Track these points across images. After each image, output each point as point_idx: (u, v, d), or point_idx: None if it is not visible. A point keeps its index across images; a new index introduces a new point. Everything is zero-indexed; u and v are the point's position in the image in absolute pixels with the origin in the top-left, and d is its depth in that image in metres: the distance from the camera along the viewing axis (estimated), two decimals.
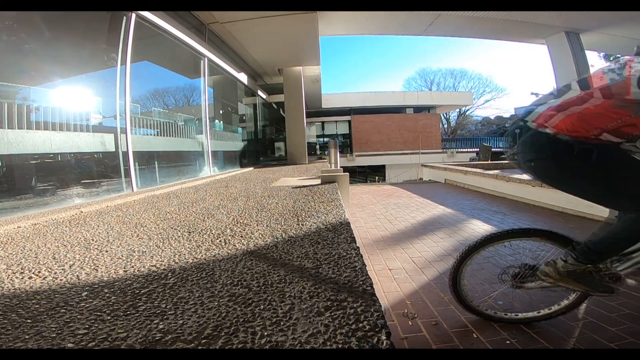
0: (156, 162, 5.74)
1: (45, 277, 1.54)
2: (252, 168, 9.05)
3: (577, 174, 1.54)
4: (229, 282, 1.38)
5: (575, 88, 1.45)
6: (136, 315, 1.13)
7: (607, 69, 1.37)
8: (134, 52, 4.62)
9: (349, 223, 2.33)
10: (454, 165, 10.67)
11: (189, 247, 1.92)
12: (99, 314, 1.15)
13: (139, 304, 1.22)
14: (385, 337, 0.92)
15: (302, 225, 2.32)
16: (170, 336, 0.99)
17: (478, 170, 8.46)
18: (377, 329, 0.96)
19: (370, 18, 8.30)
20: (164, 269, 1.58)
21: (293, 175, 6.31)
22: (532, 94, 44.04)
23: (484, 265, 3.09)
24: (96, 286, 1.41)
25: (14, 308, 1.22)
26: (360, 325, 0.99)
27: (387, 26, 8.98)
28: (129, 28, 4.53)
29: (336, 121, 25.84)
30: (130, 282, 1.44)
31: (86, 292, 1.35)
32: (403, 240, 3.98)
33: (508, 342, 1.93)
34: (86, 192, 4.16)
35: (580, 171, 1.52)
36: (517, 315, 2.14)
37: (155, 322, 1.08)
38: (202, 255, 1.76)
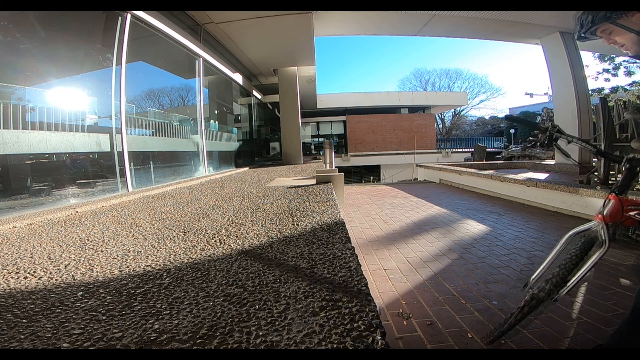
0: (151, 162, 5.72)
1: (41, 277, 1.54)
2: (247, 168, 9.04)
3: None
4: (224, 282, 1.39)
5: None
6: (131, 315, 1.14)
7: None
8: (129, 53, 4.60)
9: (344, 223, 2.34)
10: (449, 165, 10.71)
11: (184, 247, 1.92)
12: (94, 314, 1.15)
13: (134, 304, 1.22)
14: (380, 337, 0.93)
15: (297, 225, 2.33)
16: (165, 336, 0.99)
17: (473, 170, 8.50)
18: (372, 329, 0.97)
19: (365, 18, 8.30)
20: (159, 269, 1.58)
21: (288, 175, 6.32)
22: (527, 94, 44.33)
23: (479, 266, 3.11)
24: (91, 286, 1.41)
25: (10, 308, 1.22)
26: (355, 325, 1.00)
27: (381, 26, 8.99)
28: (124, 28, 4.52)
29: (331, 121, 25.85)
30: (125, 282, 1.44)
31: (81, 292, 1.35)
32: (398, 240, 3.99)
33: (503, 342, 1.94)
34: (81, 192, 4.15)
35: None
36: None
37: (150, 322, 1.08)
38: (197, 255, 1.76)
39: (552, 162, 9.77)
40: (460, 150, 26.00)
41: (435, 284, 2.79)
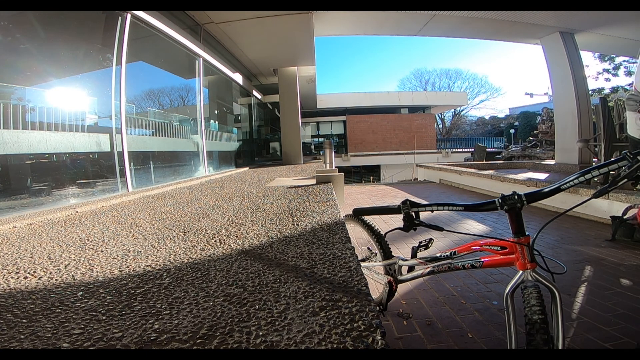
0: (151, 162, 5.71)
1: (41, 277, 1.54)
2: (247, 168, 9.03)
3: None
4: (224, 282, 1.39)
5: None
6: (131, 315, 1.14)
7: None
8: (129, 53, 4.60)
9: (344, 223, 2.34)
10: (449, 165, 10.72)
11: (184, 247, 1.92)
12: (94, 314, 1.15)
13: (134, 304, 1.22)
14: (380, 337, 0.93)
15: (297, 225, 2.33)
16: (165, 336, 0.99)
17: (473, 170, 8.50)
18: (372, 329, 0.97)
19: (365, 18, 8.29)
20: (159, 269, 1.58)
21: (288, 175, 6.31)
22: (527, 94, 44.27)
23: None
24: (91, 286, 1.41)
25: (10, 308, 1.22)
26: (355, 325, 0.99)
27: (381, 26, 8.97)
28: (124, 28, 4.51)
29: (331, 121, 25.85)
30: (125, 282, 1.44)
31: (81, 292, 1.35)
32: (398, 240, 3.99)
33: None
34: (81, 192, 4.14)
35: None
36: None
37: (150, 322, 1.08)
38: (197, 255, 1.76)
39: (552, 162, 9.77)
40: (460, 150, 26.01)
41: (435, 284, 2.79)
